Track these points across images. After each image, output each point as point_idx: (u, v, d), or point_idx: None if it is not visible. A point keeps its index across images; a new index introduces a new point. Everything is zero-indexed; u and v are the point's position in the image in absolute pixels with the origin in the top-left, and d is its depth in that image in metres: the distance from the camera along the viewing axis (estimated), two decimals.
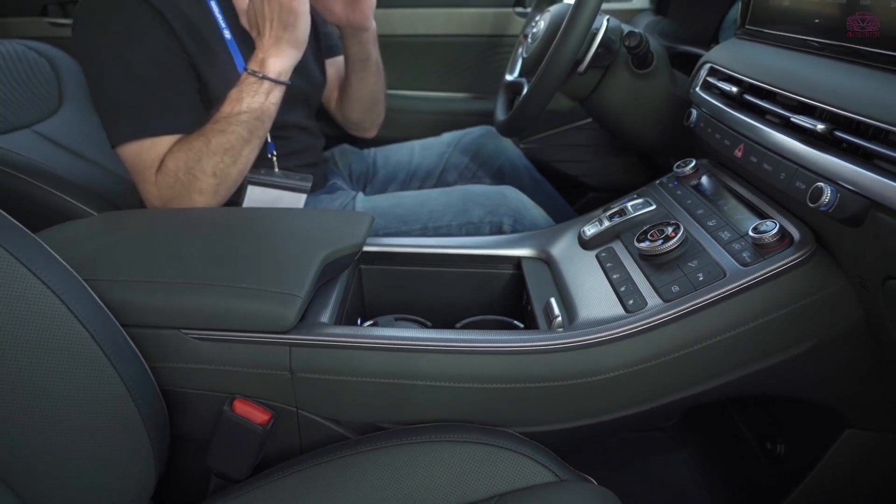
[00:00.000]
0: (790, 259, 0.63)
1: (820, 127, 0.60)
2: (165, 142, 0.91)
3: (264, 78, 0.91)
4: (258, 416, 0.68)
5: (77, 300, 0.56)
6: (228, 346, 0.67)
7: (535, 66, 0.99)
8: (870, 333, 0.64)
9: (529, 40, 1.09)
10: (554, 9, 1.06)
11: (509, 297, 0.91)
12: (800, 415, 0.80)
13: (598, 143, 1.53)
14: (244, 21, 0.95)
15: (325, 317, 0.72)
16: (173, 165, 0.90)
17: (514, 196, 1.05)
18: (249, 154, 0.94)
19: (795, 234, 0.65)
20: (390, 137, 1.42)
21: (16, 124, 1.16)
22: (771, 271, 0.63)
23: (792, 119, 0.64)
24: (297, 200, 1.02)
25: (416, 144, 1.36)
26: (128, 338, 0.62)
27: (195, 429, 0.70)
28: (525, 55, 1.11)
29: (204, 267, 0.70)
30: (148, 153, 0.91)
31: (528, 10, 1.52)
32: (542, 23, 1.07)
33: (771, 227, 0.65)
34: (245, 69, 0.93)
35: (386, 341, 0.67)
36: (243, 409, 0.68)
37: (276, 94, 0.94)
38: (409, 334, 0.68)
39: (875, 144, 0.54)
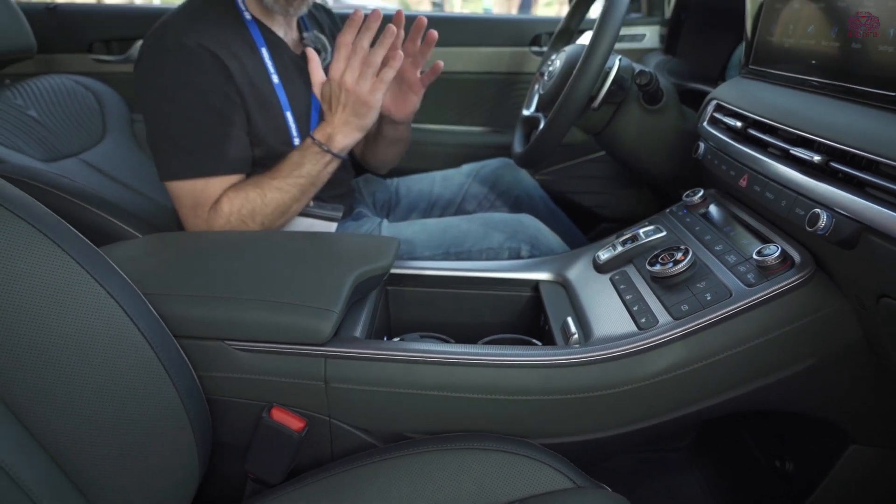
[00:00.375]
0: (792, 280, 0.68)
1: (817, 158, 0.65)
2: (217, 182, 0.98)
3: (328, 151, 0.99)
4: (294, 423, 0.73)
5: (137, 311, 0.61)
6: (268, 356, 0.72)
7: (552, 102, 1.06)
8: (870, 351, 0.68)
9: (546, 78, 1.16)
10: (569, 49, 1.13)
11: (527, 318, 0.96)
12: (806, 432, 0.83)
13: (611, 176, 1.59)
14: (317, 91, 1.01)
15: (357, 332, 0.77)
16: (227, 209, 0.97)
17: (531, 223, 1.11)
18: (297, 209, 1.02)
19: (796, 257, 0.70)
20: (412, 168, 1.48)
21: (65, 153, 1.24)
22: (774, 291, 0.68)
23: (791, 151, 0.70)
24: (328, 228, 1.09)
25: (437, 175, 1.42)
26: (179, 347, 0.67)
27: (233, 435, 0.75)
28: (542, 91, 1.17)
29: (247, 283, 0.76)
30: (202, 192, 0.98)
31: (544, 49, 1.60)
32: (557, 62, 1.14)
33: (773, 251, 0.70)
34: (311, 137, 0.99)
35: (416, 354, 0.72)
36: (280, 416, 0.73)
37: (333, 166, 1.01)
38: (437, 348, 0.73)
39: (867, 174, 0.59)
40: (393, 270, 0.92)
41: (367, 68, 0.93)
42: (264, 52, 1.03)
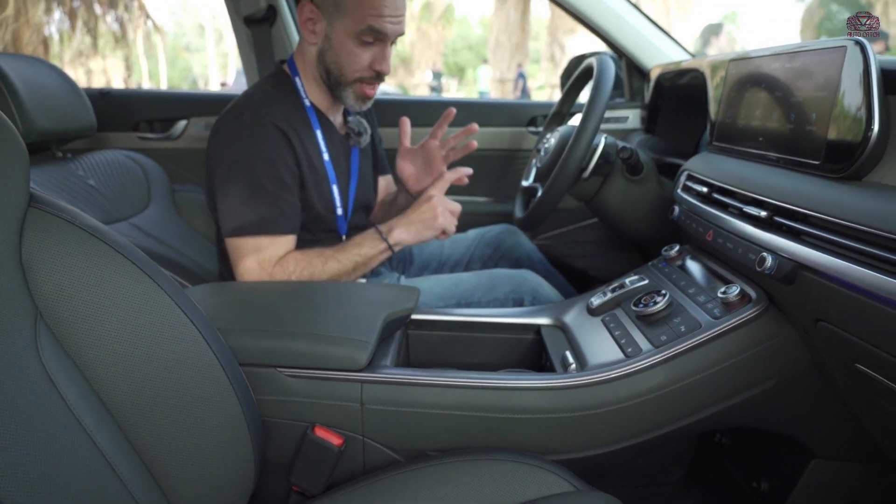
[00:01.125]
0: (750, 313, 0.82)
1: (763, 214, 0.81)
2: (280, 240, 1.14)
3: (385, 240, 1.17)
4: (334, 439, 0.85)
5: (213, 340, 0.74)
6: (313, 381, 0.85)
7: (548, 174, 1.23)
8: (819, 373, 0.82)
9: (542, 153, 1.35)
10: (562, 129, 1.32)
11: (531, 358, 1.09)
12: (776, 451, 0.95)
13: (602, 240, 1.76)
14: (411, 186, 1.28)
15: (388, 362, 0.91)
16: (292, 268, 1.13)
17: (532, 278, 1.26)
18: (346, 280, 1.18)
19: (753, 294, 0.84)
20: None
21: (117, 217, 1.40)
22: (736, 322, 0.82)
23: (745, 209, 0.86)
24: (357, 281, 1.24)
25: (445, 241, 1.59)
26: (242, 372, 0.80)
27: (278, 453, 0.87)
28: (539, 165, 1.36)
29: (295, 320, 0.90)
30: (266, 248, 1.13)
31: (540, 129, 1.80)
32: (552, 139, 1.32)
33: (734, 290, 0.85)
34: (376, 227, 1.19)
35: (440, 379, 0.85)
36: (322, 433, 0.85)
37: (385, 255, 1.19)
38: (458, 374, 0.87)
39: (801, 225, 0.75)
40: (413, 317, 1.07)
41: (454, 212, 1.21)
42: (319, 133, 1.22)
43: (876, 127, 0.68)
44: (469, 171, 1.27)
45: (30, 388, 0.58)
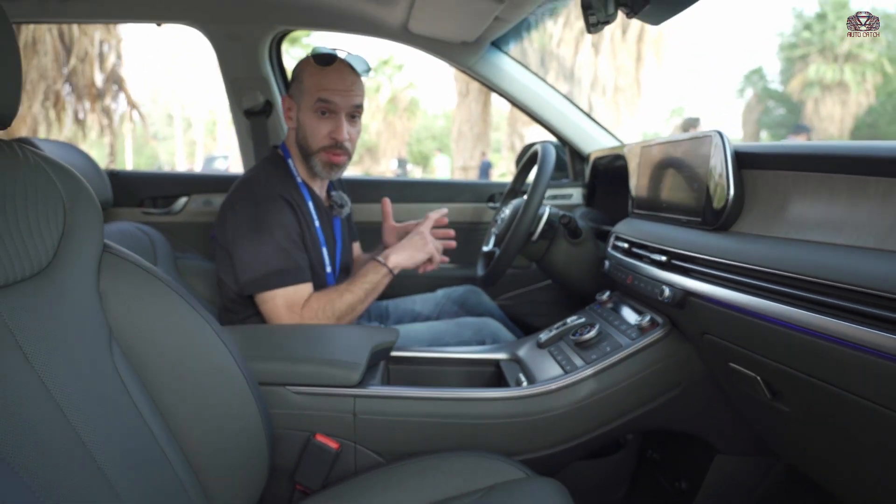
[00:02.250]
0: (658, 335, 1.07)
1: (664, 259, 1.07)
2: (302, 287, 1.36)
3: (385, 265, 1.40)
4: (332, 444, 1.04)
5: (241, 362, 0.93)
6: (314, 397, 1.05)
7: (503, 238, 1.49)
8: (714, 380, 1.05)
9: (499, 222, 1.61)
10: (514, 201, 1.60)
11: (492, 385, 1.30)
12: (691, 453, 1.17)
13: (554, 301, 2.01)
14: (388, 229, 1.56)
15: (375, 383, 1.11)
16: (316, 306, 1.35)
17: (493, 324, 1.50)
18: (361, 309, 1.40)
19: (660, 320, 1.09)
20: (397, 293, 1.87)
21: None
22: (647, 342, 1.06)
23: (651, 257, 1.12)
24: None
25: (417, 297, 1.82)
26: (259, 389, 0.99)
27: (285, 458, 1.04)
28: (496, 232, 1.62)
29: (299, 349, 1.10)
30: (293, 295, 1.34)
31: (497, 204, 2.08)
32: (506, 210, 1.59)
33: (646, 318, 1.10)
34: (375, 258, 1.42)
35: (418, 393, 1.06)
36: (322, 439, 1.04)
37: (388, 279, 1.41)
38: (433, 389, 1.07)
39: (689, 264, 1.00)
40: (393, 354, 1.28)
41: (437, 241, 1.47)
42: (310, 204, 1.46)
43: (732, 192, 0.95)
44: (449, 233, 1.54)
45: (107, 383, 0.77)
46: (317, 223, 1.46)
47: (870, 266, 0.66)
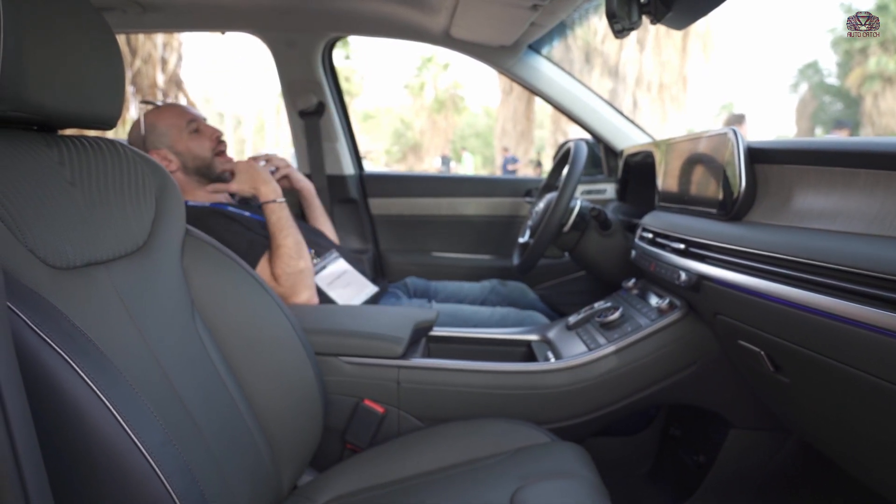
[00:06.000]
0: (676, 316, 1.16)
1: (682, 247, 1.16)
2: (260, 265, 1.44)
3: (273, 202, 1.48)
4: (378, 408, 1.17)
5: (300, 333, 1.06)
6: (363, 367, 1.18)
7: (537, 229, 1.60)
8: (728, 358, 1.14)
9: (533, 215, 1.72)
10: (548, 195, 1.70)
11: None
12: (708, 427, 1.26)
13: (589, 290, 2.10)
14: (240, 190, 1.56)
15: (417, 356, 1.24)
16: (279, 272, 1.42)
17: (537, 316, 1.61)
18: (300, 239, 1.48)
19: (678, 302, 1.19)
20: (444, 277, 2.01)
21: None
22: (666, 322, 1.16)
23: (671, 245, 1.21)
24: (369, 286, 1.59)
25: (465, 284, 1.93)
26: (315, 358, 1.12)
27: (334, 419, 1.18)
28: (531, 224, 1.73)
29: (351, 324, 1.24)
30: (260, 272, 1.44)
31: (534, 198, 2.19)
32: (541, 204, 1.70)
33: (665, 301, 1.19)
34: (266, 203, 1.49)
35: (457, 365, 1.18)
36: (370, 404, 1.17)
37: (284, 208, 1.48)
38: (467, 361, 1.19)
39: (703, 251, 1.09)
40: (435, 332, 1.40)
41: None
42: (228, 207, 1.56)
43: (744, 184, 1.04)
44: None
45: (192, 345, 0.91)
46: (247, 213, 1.56)
47: (858, 249, 0.75)
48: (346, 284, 1.58)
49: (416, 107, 23.62)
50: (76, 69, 0.75)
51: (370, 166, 4.95)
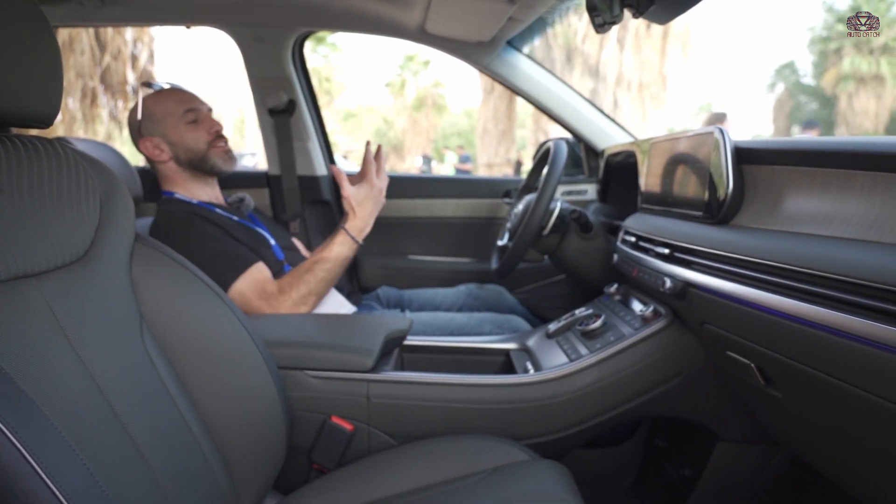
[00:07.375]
0: (660, 324, 1.10)
1: (666, 251, 1.10)
2: (256, 269, 1.34)
3: (352, 238, 1.38)
4: (347, 426, 1.09)
5: (261, 347, 0.99)
6: (330, 381, 1.11)
7: (516, 232, 1.53)
8: (715, 369, 1.09)
9: (512, 217, 1.66)
10: (527, 197, 1.64)
11: (502, 373, 1.35)
12: (694, 440, 1.20)
13: (570, 294, 2.04)
14: (347, 205, 1.40)
15: (388, 369, 1.17)
16: (289, 292, 1.34)
17: (516, 320, 1.55)
18: (333, 283, 1.40)
19: (662, 311, 1.13)
20: (416, 285, 1.93)
21: None
22: (650, 332, 1.10)
23: (655, 250, 1.15)
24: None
25: (440, 291, 1.86)
26: (279, 373, 1.05)
27: (300, 438, 1.10)
28: (510, 227, 1.66)
29: (316, 335, 1.16)
30: (254, 282, 1.34)
31: (513, 200, 2.13)
32: (520, 206, 1.64)
33: (649, 308, 1.13)
34: (344, 230, 1.39)
35: (429, 378, 1.11)
36: (338, 421, 1.10)
37: (355, 249, 1.40)
38: (442, 374, 1.13)
39: (689, 256, 1.04)
40: (407, 342, 1.33)
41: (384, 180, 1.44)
42: (217, 210, 1.48)
43: (731, 186, 0.98)
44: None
45: (139, 364, 0.84)
46: (235, 218, 1.48)
47: (855, 256, 0.70)
48: (322, 304, 1.50)
49: (397, 106, 23.51)
50: (7, 64, 0.68)
51: (352, 167, 4.86)
